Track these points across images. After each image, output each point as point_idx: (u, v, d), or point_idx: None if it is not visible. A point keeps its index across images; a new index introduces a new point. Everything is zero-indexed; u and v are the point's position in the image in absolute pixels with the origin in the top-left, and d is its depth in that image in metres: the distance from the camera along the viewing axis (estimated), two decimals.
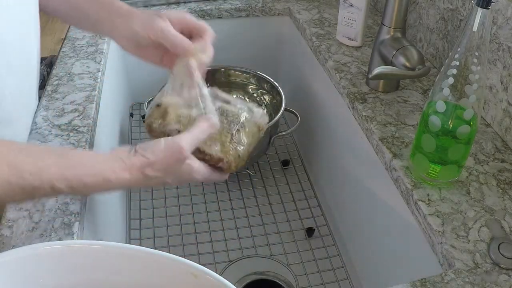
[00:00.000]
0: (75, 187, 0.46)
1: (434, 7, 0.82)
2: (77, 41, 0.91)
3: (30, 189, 0.44)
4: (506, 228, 0.56)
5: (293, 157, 1.04)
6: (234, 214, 0.90)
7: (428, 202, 0.59)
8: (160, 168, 0.50)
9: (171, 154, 0.50)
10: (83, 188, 0.47)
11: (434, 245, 0.56)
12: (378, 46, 0.77)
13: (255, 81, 0.99)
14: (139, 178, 0.49)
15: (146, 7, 1.05)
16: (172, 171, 0.51)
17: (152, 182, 0.51)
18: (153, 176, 0.50)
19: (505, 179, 0.62)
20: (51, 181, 0.45)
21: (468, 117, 0.55)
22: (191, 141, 0.52)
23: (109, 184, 0.48)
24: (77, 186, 0.46)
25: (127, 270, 0.43)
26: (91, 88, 0.76)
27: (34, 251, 0.42)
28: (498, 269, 0.51)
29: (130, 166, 0.49)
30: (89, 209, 0.61)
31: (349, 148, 0.83)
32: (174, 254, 0.42)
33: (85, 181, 0.46)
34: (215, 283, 0.40)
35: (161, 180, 0.51)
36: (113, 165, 0.49)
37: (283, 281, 0.77)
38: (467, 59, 0.53)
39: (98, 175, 0.47)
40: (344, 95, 0.80)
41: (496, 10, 0.66)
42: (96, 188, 0.48)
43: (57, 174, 0.45)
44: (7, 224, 0.54)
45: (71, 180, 0.46)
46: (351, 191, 0.84)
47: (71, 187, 0.46)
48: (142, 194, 0.94)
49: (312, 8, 1.06)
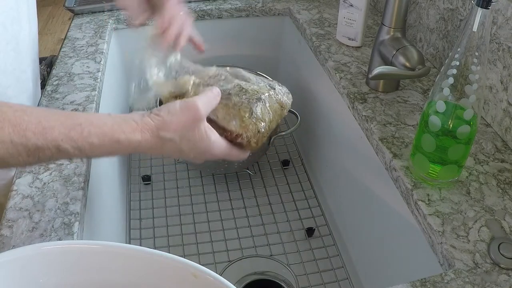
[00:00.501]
0: (81, 148, 0.44)
1: (434, 7, 0.82)
2: (77, 41, 0.91)
3: (34, 149, 0.43)
4: (506, 228, 0.56)
5: (293, 157, 1.04)
6: (234, 214, 0.90)
7: (428, 202, 0.59)
8: (176, 128, 0.48)
9: (187, 113, 0.48)
10: (90, 149, 0.45)
11: (434, 245, 0.56)
12: (378, 46, 0.77)
13: None
14: (152, 141, 0.47)
15: None
16: (188, 136, 0.49)
17: (167, 148, 0.48)
18: (168, 139, 0.47)
19: (505, 179, 0.62)
20: (56, 141, 0.43)
21: (468, 117, 0.55)
22: (206, 103, 0.50)
23: (118, 146, 0.46)
24: (83, 146, 0.44)
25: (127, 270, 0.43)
26: (91, 88, 0.77)
27: (34, 251, 0.42)
28: (498, 269, 0.51)
29: (142, 126, 0.47)
30: (89, 209, 0.61)
31: (349, 148, 0.83)
32: (174, 254, 0.42)
33: (91, 142, 0.44)
34: (215, 283, 0.40)
35: (176, 146, 0.49)
36: (123, 125, 0.47)
37: (283, 281, 0.77)
38: (467, 59, 0.53)
39: (106, 136, 0.45)
40: (344, 95, 0.80)
41: (496, 10, 0.66)
42: (104, 150, 0.46)
43: (62, 134, 0.43)
44: (7, 224, 0.54)
45: (77, 140, 0.44)
46: (351, 191, 0.84)
47: (77, 148, 0.44)
48: (142, 194, 0.95)
49: (312, 8, 1.06)
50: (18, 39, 0.60)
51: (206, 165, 0.92)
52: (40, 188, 0.59)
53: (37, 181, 0.60)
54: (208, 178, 0.98)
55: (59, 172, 0.61)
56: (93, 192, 0.65)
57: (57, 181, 0.60)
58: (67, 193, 0.58)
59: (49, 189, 0.59)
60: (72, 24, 0.99)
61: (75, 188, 0.59)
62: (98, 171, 0.70)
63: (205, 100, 0.50)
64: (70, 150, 0.44)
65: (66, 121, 0.45)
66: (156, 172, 0.99)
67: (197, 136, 0.50)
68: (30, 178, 0.61)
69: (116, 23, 1.01)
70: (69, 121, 0.45)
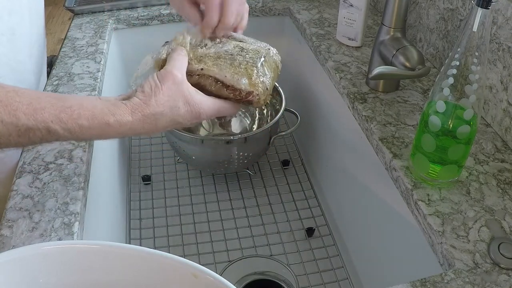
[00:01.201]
0: (71, 129, 0.45)
1: (434, 7, 0.82)
2: (77, 41, 0.91)
3: (24, 130, 0.44)
4: (506, 228, 0.56)
5: (293, 157, 1.04)
6: (234, 214, 0.90)
7: (428, 202, 0.59)
8: (162, 101, 0.48)
9: (167, 83, 0.49)
10: (79, 131, 0.46)
11: (434, 245, 0.56)
12: (378, 46, 0.77)
13: None
14: (144, 120, 0.48)
15: (146, 7, 1.05)
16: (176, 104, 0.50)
17: (161, 123, 0.49)
18: (159, 113, 0.48)
19: (505, 179, 0.62)
20: (46, 123, 0.44)
21: (468, 117, 0.55)
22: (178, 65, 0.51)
23: (108, 129, 0.47)
24: (73, 128, 0.45)
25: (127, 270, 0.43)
26: (91, 88, 0.77)
27: (34, 251, 0.42)
28: (498, 269, 0.51)
29: (132, 107, 0.48)
30: (89, 209, 0.61)
31: (349, 148, 0.83)
32: (174, 254, 0.42)
33: (81, 124, 0.45)
34: (215, 283, 0.40)
35: (169, 118, 0.49)
36: (112, 108, 0.47)
37: (283, 281, 0.77)
38: (467, 59, 0.53)
39: (95, 118, 0.46)
40: (344, 95, 0.80)
41: (496, 10, 0.66)
42: (94, 132, 0.47)
43: (52, 116, 0.44)
44: (7, 224, 0.54)
45: (67, 122, 0.45)
46: (351, 191, 0.84)
47: (67, 130, 0.45)
48: (142, 194, 0.95)
49: (312, 8, 1.06)
50: (14, 30, 0.60)
51: (206, 165, 0.92)
52: (40, 188, 0.59)
53: (37, 181, 0.60)
54: (208, 178, 0.98)
55: (59, 172, 0.61)
56: (93, 192, 0.65)
57: (57, 181, 0.60)
58: (67, 193, 0.58)
59: (49, 189, 0.59)
60: (72, 24, 0.99)
61: (75, 188, 0.59)
62: (98, 171, 0.70)
63: (176, 64, 0.51)
64: (60, 132, 0.45)
65: (57, 103, 0.45)
66: (156, 172, 0.99)
67: (184, 100, 0.50)
68: (30, 178, 0.61)
69: (116, 23, 1.01)
70: (59, 103, 0.45)
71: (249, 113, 1.02)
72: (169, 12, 1.03)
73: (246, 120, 1.02)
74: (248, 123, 1.01)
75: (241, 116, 1.02)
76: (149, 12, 1.03)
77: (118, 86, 1.00)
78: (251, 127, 1.01)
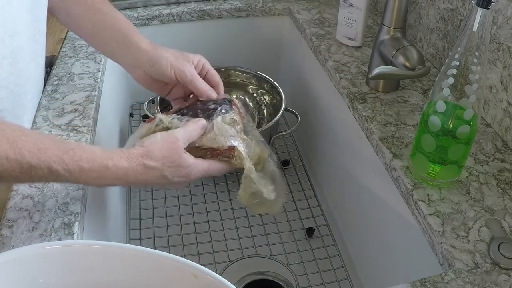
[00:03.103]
0: (72, 170, 0.48)
1: (434, 7, 0.82)
2: (77, 41, 0.91)
3: (27, 167, 0.46)
4: (506, 228, 0.56)
5: (293, 157, 1.04)
6: (234, 214, 0.90)
7: (428, 202, 0.59)
8: (157, 156, 0.52)
9: (167, 144, 0.53)
10: (79, 172, 0.48)
11: (434, 245, 0.56)
12: (378, 46, 0.77)
13: (255, 81, 0.99)
14: (137, 169, 0.51)
15: (146, 7, 1.05)
16: (170, 164, 0.53)
17: (151, 175, 0.52)
18: (152, 166, 0.52)
19: (505, 179, 0.62)
20: (48, 162, 0.46)
21: (468, 117, 0.55)
22: (185, 135, 0.55)
23: (107, 172, 0.49)
24: (73, 169, 0.48)
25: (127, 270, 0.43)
26: (91, 88, 0.77)
27: (34, 251, 0.42)
28: (498, 269, 0.51)
29: (129, 155, 0.51)
30: (89, 209, 0.61)
31: (349, 148, 0.83)
32: (174, 254, 0.42)
33: (81, 165, 0.48)
34: (215, 283, 0.40)
35: (159, 173, 0.53)
36: (111, 154, 0.51)
37: (283, 281, 0.77)
38: (467, 59, 0.53)
39: (95, 161, 0.49)
40: (344, 95, 0.80)
41: (496, 10, 0.66)
42: (93, 175, 0.49)
43: (55, 156, 0.47)
44: (7, 224, 0.54)
45: (68, 163, 0.47)
46: (351, 191, 0.84)
47: (68, 170, 0.47)
48: (142, 194, 0.94)
49: (312, 8, 1.06)
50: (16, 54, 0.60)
51: None
52: (40, 188, 0.59)
53: None
54: (208, 178, 0.98)
55: None
56: (93, 192, 0.65)
57: None
58: (67, 193, 0.58)
59: (49, 189, 0.59)
60: None
61: (75, 188, 0.59)
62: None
63: (183, 132, 0.56)
64: (61, 172, 0.47)
65: (60, 145, 0.48)
66: None
67: (177, 163, 0.54)
68: None
69: None
70: (62, 145, 0.49)
71: (249, 113, 1.02)
72: (169, 12, 1.03)
73: None
74: None
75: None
76: (149, 12, 1.03)
77: (118, 86, 1.00)
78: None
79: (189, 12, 1.04)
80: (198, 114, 0.61)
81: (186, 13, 1.04)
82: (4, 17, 0.56)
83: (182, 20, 1.04)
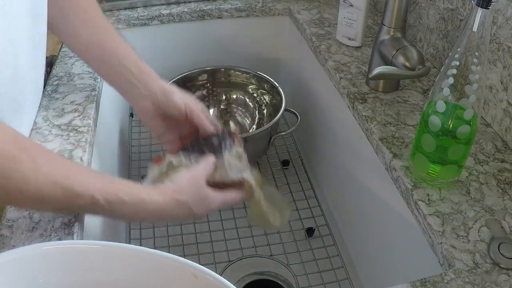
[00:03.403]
0: (112, 201, 0.49)
1: (434, 7, 0.82)
2: None
3: (71, 194, 0.47)
4: (506, 228, 0.56)
5: (293, 157, 1.04)
6: (234, 214, 0.90)
7: (428, 202, 0.59)
8: (188, 192, 0.56)
9: (193, 180, 0.57)
10: (119, 205, 0.50)
11: (434, 245, 0.56)
12: (378, 46, 0.77)
13: (255, 81, 0.99)
14: (170, 203, 0.54)
15: (146, 7, 1.05)
16: (195, 197, 0.57)
17: (181, 209, 0.56)
18: (183, 201, 0.55)
19: (505, 179, 0.62)
20: (91, 191, 0.48)
21: (468, 117, 0.55)
22: (203, 172, 0.59)
23: (144, 205, 0.52)
24: (113, 201, 0.49)
25: (127, 270, 0.43)
26: (91, 88, 0.76)
27: (34, 251, 0.42)
28: (498, 269, 0.51)
29: (163, 191, 0.55)
30: None
31: (349, 148, 0.83)
32: (174, 254, 0.42)
33: (121, 197, 0.50)
34: (215, 283, 0.40)
35: (187, 207, 0.56)
36: (147, 188, 0.55)
37: (283, 281, 0.77)
38: (467, 59, 0.53)
39: (134, 195, 0.51)
40: (344, 95, 0.80)
41: (496, 10, 0.66)
42: (130, 207, 0.51)
43: (98, 187, 0.49)
44: (7, 224, 0.54)
45: (110, 194, 0.49)
46: (351, 191, 0.84)
47: (108, 201, 0.49)
48: None
49: (312, 8, 1.06)
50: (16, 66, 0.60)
51: None
52: None
53: None
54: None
55: None
56: None
57: None
58: None
59: None
60: None
61: None
62: (98, 171, 0.70)
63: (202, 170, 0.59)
64: (101, 202, 0.49)
65: (101, 177, 0.52)
66: None
67: (201, 196, 0.58)
68: None
69: (116, 23, 1.01)
70: (104, 177, 0.52)
71: (249, 113, 1.02)
72: (169, 12, 1.03)
73: (246, 120, 1.02)
74: (248, 123, 1.01)
75: (241, 116, 1.02)
76: (149, 12, 1.03)
77: None
78: (251, 127, 1.01)
79: (189, 12, 1.04)
80: (204, 150, 0.63)
81: (186, 13, 1.04)
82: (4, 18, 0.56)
83: (182, 20, 1.04)
